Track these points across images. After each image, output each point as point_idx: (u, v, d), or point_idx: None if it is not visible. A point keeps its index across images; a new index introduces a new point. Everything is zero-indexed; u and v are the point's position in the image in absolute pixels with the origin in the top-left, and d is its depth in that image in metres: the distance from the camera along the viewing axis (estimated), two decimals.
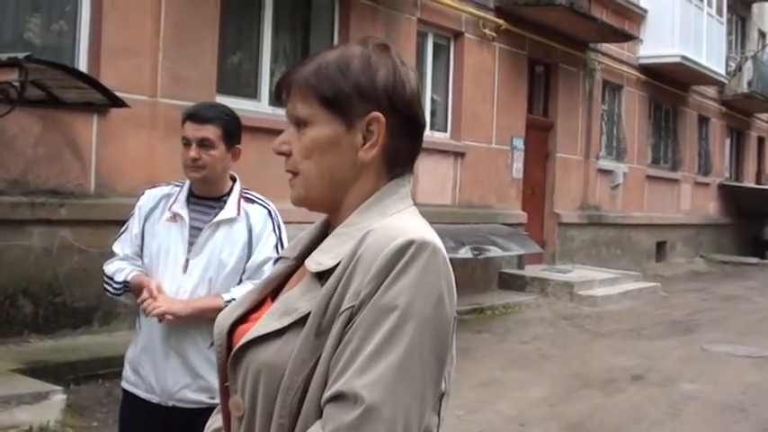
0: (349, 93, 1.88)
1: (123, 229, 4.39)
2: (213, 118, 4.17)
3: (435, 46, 16.28)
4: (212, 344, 4.06)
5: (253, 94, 12.53)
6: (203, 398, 4.10)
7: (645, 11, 23.16)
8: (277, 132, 2.01)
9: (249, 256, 4.18)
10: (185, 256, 4.17)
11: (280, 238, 4.24)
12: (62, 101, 9.12)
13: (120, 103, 8.86)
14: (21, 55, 7.27)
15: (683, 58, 23.13)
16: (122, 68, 10.25)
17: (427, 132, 13.69)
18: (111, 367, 8.55)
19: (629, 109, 23.33)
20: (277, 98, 2.02)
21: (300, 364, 1.77)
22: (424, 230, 1.83)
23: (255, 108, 12.21)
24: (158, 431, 4.19)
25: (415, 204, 1.98)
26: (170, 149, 10.29)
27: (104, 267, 4.34)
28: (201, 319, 4.00)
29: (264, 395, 1.83)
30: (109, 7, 10.20)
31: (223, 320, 2.04)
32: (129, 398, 4.30)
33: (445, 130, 16.49)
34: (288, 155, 1.96)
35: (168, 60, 10.85)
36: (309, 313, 1.80)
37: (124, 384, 4.34)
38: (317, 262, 1.86)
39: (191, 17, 11.13)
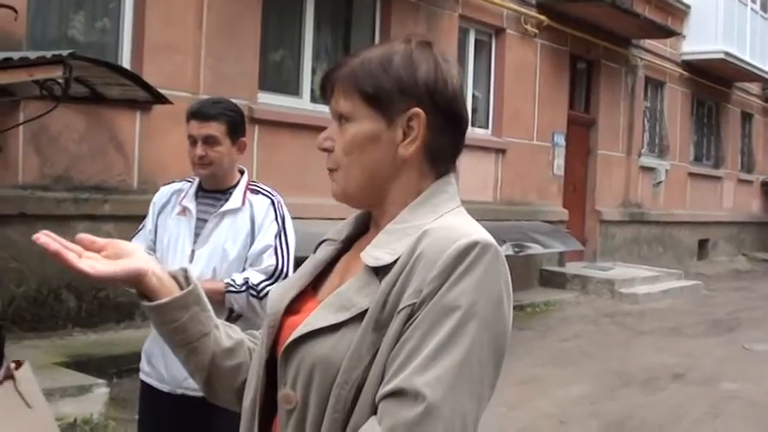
0: (390, 89, 1.89)
1: (141, 225, 4.57)
2: (216, 115, 4.26)
3: (477, 42, 16.26)
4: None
5: (294, 91, 12.57)
6: None
7: (688, 6, 22.97)
8: (318, 129, 2.03)
9: (252, 246, 4.28)
10: (191, 247, 4.30)
11: (283, 228, 4.33)
12: (106, 97, 9.18)
13: (162, 100, 8.91)
14: (65, 52, 7.32)
15: (727, 54, 22.93)
16: (165, 65, 10.32)
17: (468, 129, 13.68)
18: None
19: (671, 106, 23.18)
20: (322, 95, 2.02)
21: (357, 359, 1.77)
22: (483, 232, 1.84)
23: (297, 105, 12.26)
24: (170, 419, 4.32)
25: None
26: None
27: None
28: None
29: (318, 389, 1.82)
30: (152, 4, 10.28)
31: (278, 301, 2.03)
32: (145, 388, 4.46)
33: (486, 127, 16.47)
34: (331, 151, 1.97)
35: (211, 57, 10.92)
36: (367, 309, 1.79)
37: (141, 375, 4.51)
38: (374, 257, 1.85)
39: (233, 14, 11.18)
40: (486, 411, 1.93)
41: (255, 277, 4.20)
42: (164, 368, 4.28)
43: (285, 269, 4.28)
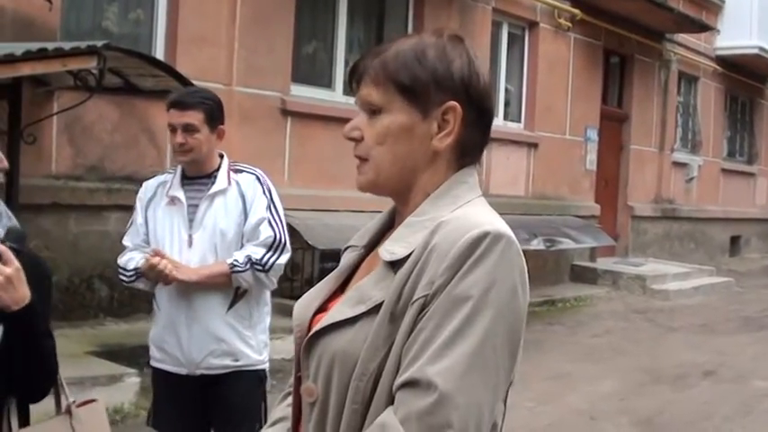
0: (426, 81, 1.90)
1: (129, 223, 4.72)
2: (195, 103, 4.41)
3: (510, 36, 16.21)
4: (230, 307, 4.30)
5: (327, 83, 12.58)
6: (227, 361, 4.41)
7: (722, 1, 22.79)
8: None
9: (246, 221, 4.43)
10: (188, 233, 4.45)
11: (271, 200, 4.50)
12: (139, 88, 9.24)
13: None
14: (99, 43, 7.38)
15: (761, 49, 22.69)
16: (198, 57, 10.36)
17: (501, 123, 13.63)
18: None
19: (704, 101, 23.03)
20: (349, 84, 2.05)
21: (374, 351, 1.81)
22: (497, 222, 1.85)
23: (330, 97, 12.27)
24: (188, 398, 4.49)
25: (488, 195, 2.01)
26: (244, 137, 10.40)
27: (118, 260, 4.66)
28: (210, 284, 4.34)
29: (338, 381, 1.86)
30: None
31: (303, 313, 2.05)
32: (159, 373, 4.61)
33: (519, 121, 16.43)
34: (359, 140, 1.98)
35: (244, 49, 10.94)
36: (383, 302, 1.82)
37: (153, 362, 4.63)
38: (389, 251, 1.88)
39: (266, 6, 11.20)
40: (514, 405, 1.94)
41: (257, 252, 4.37)
42: (180, 354, 4.43)
43: (283, 238, 4.46)
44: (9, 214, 3.14)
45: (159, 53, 10.14)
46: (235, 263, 4.31)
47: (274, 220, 4.45)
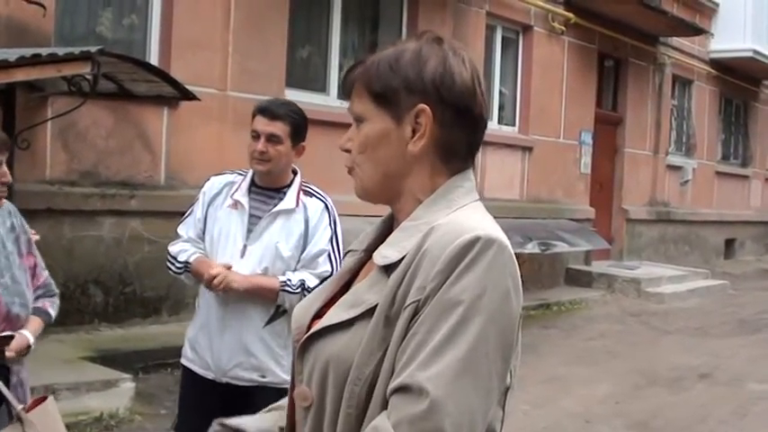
0: (396, 87, 1.92)
1: (188, 212, 4.64)
2: (283, 115, 4.39)
3: (504, 39, 16.22)
4: (267, 323, 4.23)
5: (321, 87, 12.58)
6: (254, 376, 4.37)
7: (716, 4, 22.81)
8: (345, 126, 2.06)
9: (305, 247, 4.40)
10: (243, 242, 4.40)
11: (335, 232, 4.48)
12: (133, 94, 9.24)
13: (190, 96, 8.95)
14: (93, 48, 7.38)
15: (755, 52, 22.72)
16: (193, 62, 10.36)
17: (495, 126, 13.59)
18: (179, 356, 8.63)
19: (699, 104, 23.05)
20: (345, 96, 2.07)
21: (368, 355, 1.81)
22: (489, 227, 1.85)
23: (324, 102, 12.25)
24: (213, 405, 4.36)
25: (483, 199, 2.00)
26: (239, 142, 10.34)
27: (169, 247, 4.63)
28: (257, 296, 4.29)
29: (333, 386, 1.85)
30: (179, 1, 10.31)
31: (302, 316, 2.06)
32: (188, 373, 4.58)
33: (513, 124, 16.42)
34: (350, 151, 2.01)
35: (238, 54, 10.95)
36: (377, 305, 1.82)
37: (183, 360, 4.62)
38: (383, 255, 1.89)
39: (261, 10, 11.20)
40: (509, 409, 1.94)
41: (311, 280, 4.32)
42: (210, 358, 4.40)
43: None
44: None
45: (153, 58, 10.13)
46: (287, 282, 4.28)
47: (334, 254, 4.42)
